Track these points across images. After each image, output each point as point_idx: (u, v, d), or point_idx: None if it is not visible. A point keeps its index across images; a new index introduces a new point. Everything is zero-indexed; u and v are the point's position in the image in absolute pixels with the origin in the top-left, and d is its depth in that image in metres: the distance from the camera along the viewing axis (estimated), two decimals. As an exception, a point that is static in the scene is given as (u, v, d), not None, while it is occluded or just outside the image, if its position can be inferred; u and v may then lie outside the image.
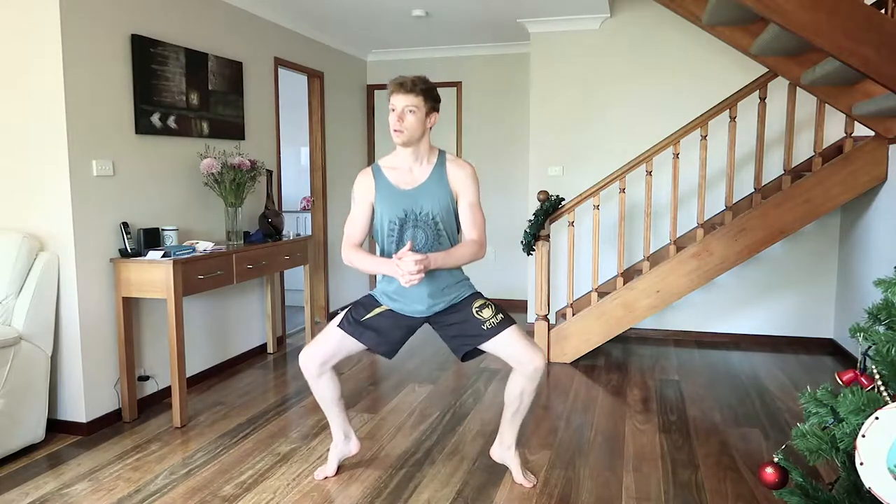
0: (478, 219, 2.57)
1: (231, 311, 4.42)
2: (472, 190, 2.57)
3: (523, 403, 2.68)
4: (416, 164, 2.56)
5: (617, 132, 5.12)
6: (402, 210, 2.54)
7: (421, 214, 2.54)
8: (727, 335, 5.07)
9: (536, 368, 2.56)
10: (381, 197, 2.57)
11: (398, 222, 2.55)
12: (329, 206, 5.82)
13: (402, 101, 2.43)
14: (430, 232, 2.55)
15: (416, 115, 2.45)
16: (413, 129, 2.46)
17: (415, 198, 2.54)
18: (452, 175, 2.56)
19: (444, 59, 6.28)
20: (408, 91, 2.43)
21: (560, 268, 5.12)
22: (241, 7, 4.42)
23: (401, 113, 2.44)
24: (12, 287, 3.06)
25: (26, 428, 3.06)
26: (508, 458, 2.80)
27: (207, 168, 3.84)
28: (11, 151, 3.22)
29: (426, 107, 2.47)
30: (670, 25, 4.90)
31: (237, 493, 2.69)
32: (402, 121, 2.44)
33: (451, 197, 2.56)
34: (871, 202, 4.23)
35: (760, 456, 3.00)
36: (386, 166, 2.61)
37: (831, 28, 2.98)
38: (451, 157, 2.61)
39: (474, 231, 2.56)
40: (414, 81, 2.44)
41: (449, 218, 2.57)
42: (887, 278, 1.58)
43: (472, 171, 2.59)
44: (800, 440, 1.55)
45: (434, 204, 2.54)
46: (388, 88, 2.48)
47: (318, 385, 2.71)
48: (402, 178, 2.56)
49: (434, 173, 2.56)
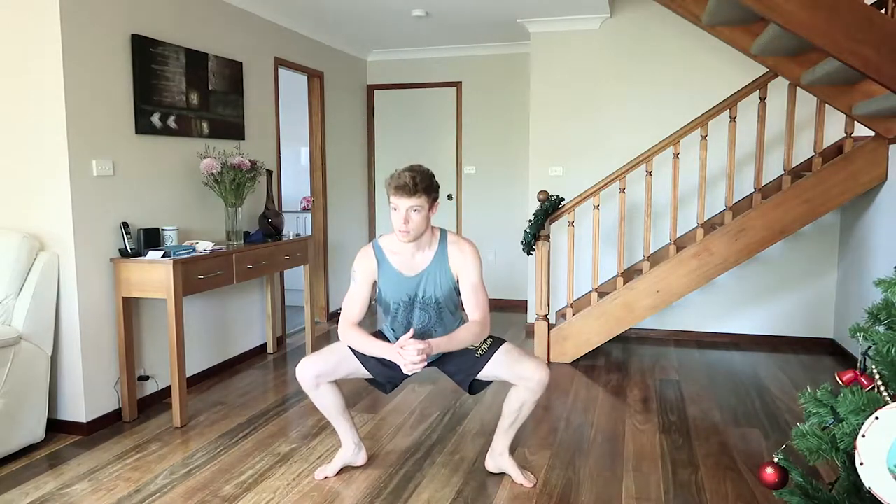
0: (480, 299, 2.58)
1: (231, 311, 4.42)
2: (474, 271, 2.59)
3: (521, 415, 2.72)
4: (418, 251, 2.58)
5: (617, 132, 5.12)
6: (405, 295, 2.59)
7: (424, 298, 2.58)
8: (727, 335, 5.07)
9: (540, 381, 2.59)
10: (385, 280, 2.60)
11: (402, 305, 2.60)
12: (329, 206, 5.82)
13: (405, 203, 2.42)
14: (433, 313, 2.61)
15: (421, 213, 2.45)
16: (419, 227, 2.47)
17: (418, 283, 2.58)
18: (454, 259, 2.58)
19: (444, 59, 6.28)
20: (410, 194, 2.41)
21: (560, 268, 5.12)
22: (241, 7, 4.42)
23: (405, 215, 2.43)
24: (12, 287, 3.06)
25: (26, 428, 3.05)
26: (503, 464, 2.81)
27: (207, 168, 3.84)
28: (11, 151, 3.22)
29: (429, 203, 2.47)
30: (670, 25, 4.90)
31: (237, 493, 2.69)
32: (408, 222, 2.44)
33: (452, 280, 2.60)
34: (871, 202, 4.23)
35: (760, 456, 3.00)
36: (388, 249, 2.61)
37: (831, 28, 2.99)
38: (452, 239, 2.62)
39: (477, 312, 2.57)
40: (415, 182, 2.41)
41: (450, 299, 2.62)
42: (887, 278, 1.58)
43: (472, 251, 2.60)
44: (800, 440, 1.55)
45: (436, 288, 2.58)
46: (386, 185, 2.46)
47: (316, 396, 2.72)
48: (404, 263, 2.58)
49: (436, 258, 2.58)
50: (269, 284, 4.75)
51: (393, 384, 2.77)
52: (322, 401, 2.73)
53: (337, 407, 2.75)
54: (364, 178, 6.58)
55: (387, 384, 2.76)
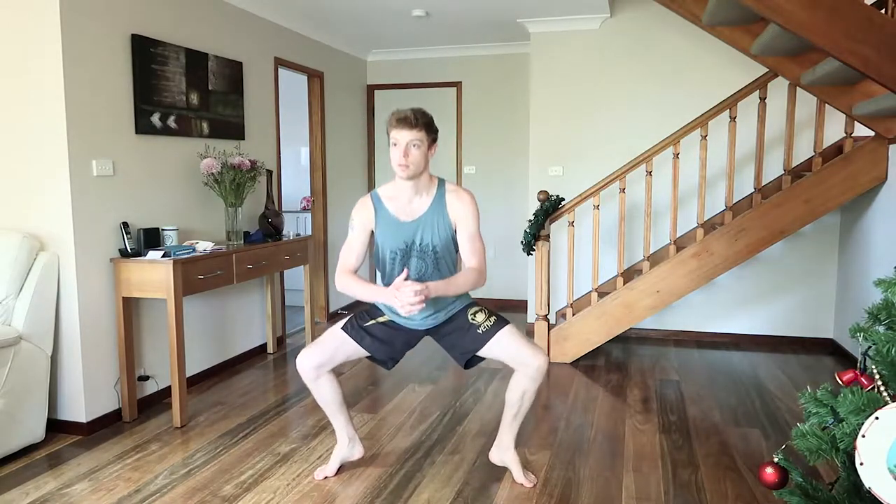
0: (477, 248, 2.58)
1: (231, 311, 4.42)
2: (472, 220, 2.58)
3: (524, 405, 2.70)
4: (416, 196, 2.57)
5: (617, 132, 5.12)
6: (402, 242, 2.57)
7: (421, 245, 2.57)
8: (727, 335, 5.07)
9: (539, 367, 2.58)
10: (382, 228, 2.58)
11: (399, 253, 2.58)
12: (329, 206, 5.82)
13: (405, 136, 2.43)
14: (430, 261, 2.59)
15: (420, 148, 2.45)
16: (418, 163, 2.47)
17: (415, 229, 2.56)
18: (452, 206, 2.57)
19: (444, 59, 6.28)
20: (412, 126, 2.43)
21: (560, 268, 5.12)
22: (241, 7, 4.42)
23: (405, 148, 2.44)
24: (12, 287, 3.06)
25: (26, 428, 3.06)
26: (508, 460, 2.80)
27: (207, 168, 3.84)
28: (11, 151, 3.22)
29: (428, 140, 2.48)
30: (670, 25, 4.90)
31: (237, 493, 2.69)
32: (408, 155, 2.44)
33: (450, 228, 2.58)
34: (871, 202, 4.23)
35: (760, 456, 3.00)
36: (385, 196, 2.60)
37: (831, 28, 2.99)
38: (450, 187, 2.61)
39: (474, 259, 2.58)
40: (416, 116, 2.44)
41: (448, 248, 2.60)
42: (887, 278, 1.58)
43: (471, 200, 2.60)
44: (800, 440, 1.55)
45: (434, 235, 2.56)
46: (387, 122, 2.48)
47: (316, 387, 2.71)
48: (402, 209, 2.57)
49: (434, 205, 2.57)
50: (269, 284, 4.75)
51: (394, 360, 2.75)
52: (322, 393, 2.73)
53: (336, 400, 2.75)
54: (364, 178, 6.58)
55: (387, 360, 2.73)
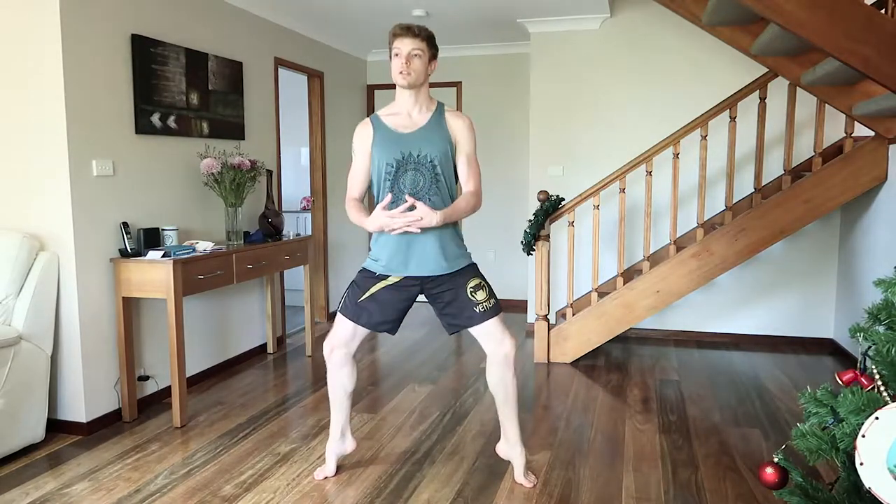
0: (474, 170, 2.63)
1: (231, 311, 4.42)
2: (470, 141, 2.62)
3: (508, 391, 2.68)
4: (415, 108, 2.59)
5: (617, 132, 5.12)
6: (399, 152, 2.54)
7: (419, 157, 2.54)
8: (727, 335, 5.07)
9: (506, 355, 2.61)
10: (379, 141, 2.58)
11: (395, 164, 2.54)
12: (329, 206, 5.82)
13: (408, 45, 2.48)
14: (428, 175, 2.54)
15: (422, 59, 2.51)
16: (418, 72, 2.51)
17: (413, 141, 2.55)
18: (452, 124, 2.60)
19: (444, 59, 6.26)
20: (414, 35, 2.48)
21: (560, 268, 5.12)
22: (241, 7, 4.42)
23: (407, 56, 2.48)
24: (12, 287, 3.06)
25: (26, 428, 3.06)
26: (514, 456, 2.79)
27: (207, 168, 3.84)
28: (11, 151, 3.22)
29: (429, 52, 2.54)
30: (670, 25, 4.91)
31: (237, 493, 2.69)
32: (410, 63, 2.48)
33: (449, 144, 2.59)
34: (871, 202, 4.23)
35: (760, 456, 3.00)
36: (384, 114, 2.63)
37: (831, 28, 2.98)
38: (449, 109, 2.66)
39: (471, 182, 2.61)
40: (419, 27, 2.51)
41: (447, 164, 2.58)
42: (887, 278, 1.58)
43: (469, 122, 2.65)
44: (800, 440, 1.55)
45: (433, 148, 2.55)
46: (391, 33, 2.52)
47: (339, 374, 2.71)
48: (400, 122, 2.59)
49: (433, 119, 2.60)
50: (269, 284, 4.75)
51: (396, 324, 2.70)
52: (339, 380, 2.72)
53: (347, 391, 2.76)
54: (364, 178, 6.56)
55: (390, 328, 2.69)
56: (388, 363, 4.53)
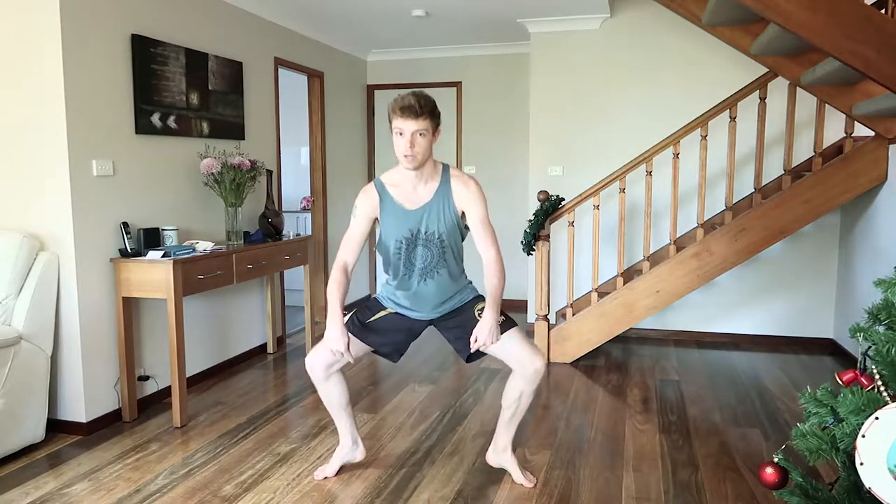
0: (490, 235, 2.55)
1: (231, 311, 4.42)
2: (481, 207, 2.54)
3: (521, 406, 2.69)
4: (420, 183, 2.53)
5: (617, 132, 5.12)
6: (408, 230, 2.53)
7: (427, 234, 2.53)
8: (727, 335, 5.07)
9: (536, 370, 2.57)
10: (387, 216, 2.55)
11: (405, 242, 2.54)
12: (329, 206, 5.82)
13: (411, 126, 2.37)
14: (436, 250, 2.55)
15: (426, 137, 2.40)
16: (424, 153, 2.43)
17: (420, 217, 2.53)
18: (458, 194, 2.53)
19: (444, 59, 6.28)
20: (417, 116, 2.36)
21: (560, 268, 5.12)
22: (241, 7, 4.42)
23: (411, 138, 2.38)
24: (12, 287, 3.06)
25: (26, 428, 3.05)
26: (505, 461, 2.80)
27: (207, 168, 3.84)
28: (11, 152, 3.22)
29: (433, 127, 2.44)
30: (670, 25, 4.90)
31: (237, 493, 2.69)
32: (414, 146, 2.39)
33: (455, 215, 2.54)
34: (871, 202, 4.23)
35: (760, 456, 3.00)
36: (389, 184, 2.56)
37: (831, 28, 2.99)
38: (454, 173, 2.57)
39: (490, 249, 2.54)
40: (421, 105, 2.37)
41: (454, 235, 2.57)
42: (887, 278, 1.58)
43: (476, 188, 2.56)
44: (800, 440, 1.55)
45: (440, 223, 2.53)
46: (390, 110, 2.41)
47: (325, 388, 2.71)
48: (406, 197, 2.54)
49: (439, 192, 2.54)
50: (269, 284, 4.75)
51: (400, 352, 2.73)
52: (329, 393, 2.72)
53: (342, 401, 2.74)
54: (364, 179, 6.57)
55: (393, 353, 2.72)
56: (388, 363, 4.51)
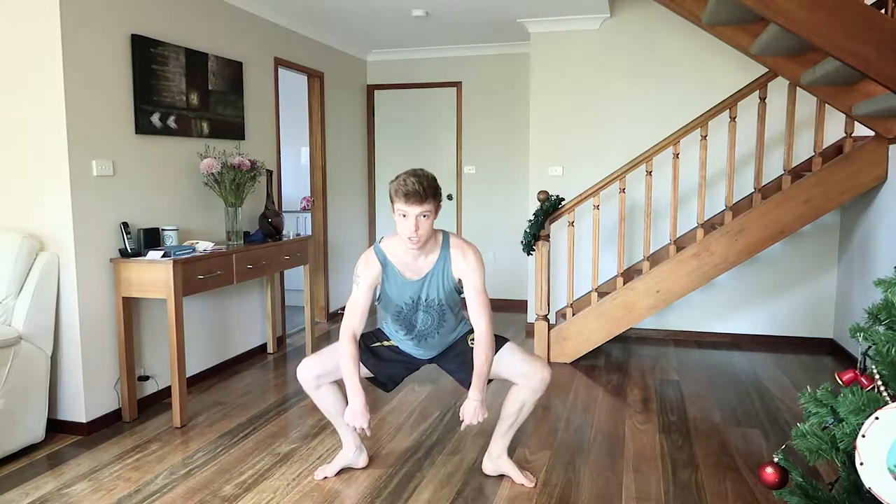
0: (484, 304, 2.56)
1: (231, 311, 4.42)
2: (478, 277, 2.57)
3: (520, 417, 2.74)
4: (421, 255, 2.55)
5: (617, 132, 5.12)
6: (409, 298, 2.59)
7: (428, 301, 2.59)
8: (727, 335, 5.07)
9: (543, 379, 2.62)
10: (389, 285, 2.59)
11: (405, 307, 2.61)
12: (329, 206, 5.82)
13: (415, 211, 2.36)
14: (436, 315, 2.62)
15: (429, 218, 2.41)
16: (427, 232, 2.44)
17: (421, 287, 2.58)
18: (457, 263, 2.56)
19: (444, 59, 6.28)
20: (421, 200, 2.35)
21: (560, 268, 5.12)
22: (241, 7, 4.42)
23: (416, 221, 2.38)
24: (12, 287, 3.06)
25: (26, 428, 3.05)
26: (503, 466, 2.81)
27: (207, 168, 3.84)
28: (12, 152, 3.22)
29: (436, 208, 2.44)
30: (670, 25, 4.90)
31: (237, 493, 2.69)
32: (418, 229, 2.38)
33: (453, 282, 2.60)
34: (871, 202, 4.23)
35: (760, 456, 3.00)
36: (390, 253, 2.58)
37: (831, 28, 2.99)
38: (454, 243, 2.59)
39: (483, 318, 2.55)
40: (424, 189, 2.35)
41: (452, 299, 2.63)
42: (887, 278, 1.58)
43: (475, 256, 2.58)
44: (800, 440, 1.55)
45: (439, 291, 2.58)
46: (393, 192, 2.40)
47: (317, 396, 2.73)
48: (408, 266, 2.57)
49: (439, 263, 2.57)
50: (269, 284, 4.75)
51: (394, 382, 2.78)
52: (323, 402, 2.74)
53: (338, 409, 2.74)
54: (364, 178, 6.58)
55: (388, 382, 2.77)
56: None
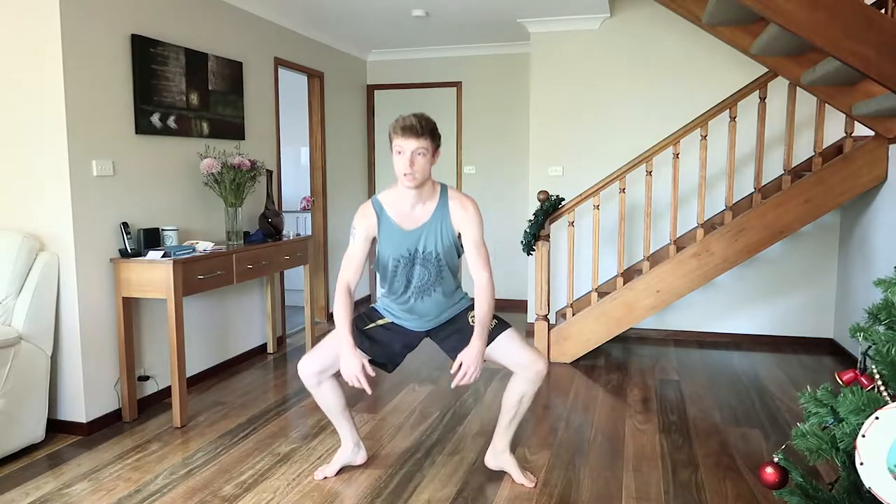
0: (483, 258, 2.57)
1: (231, 311, 4.42)
2: (477, 229, 2.57)
3: (521, 410, 2.71)
4: (419, 203, 2.54)
5: (617, 132, 5.12)
6: (405, 249, 2.55)
7: (425, 253, 2.55)
8: (727, 335, 5.07)
9: (539, 372, 2.59)
10: (385, 236, 2.56)
11: (402, 261, 2.56)
12: (329, 206, 5.82)
13: (411, 145, 2.38)
14: (433, 269, 2.58)
15: (426, 157, 2.42)
16: (423, 172, 2.44)
17: (418, 237, 2.54)
18: (455, 214, 2.55)
19: (444, 59, 6.28)
20: (417, 135, 2.38)
21: (560, 268, 5.12)
22: (241, 7, 4.42)
23: (410, 157, 2.39)
24: (12, 287, 3.06)
25: (26, 428, 3.05)
26: (505, 462, 2.80)
27: (207, 168, 3.84)
28: (12, 151, 3.22)
29: (433, 147, 2.45)
30: (670, 25, 4.90)
31: (237, 493, 2.69)
32: (413, 164, 2.40)
33: (452, 234, 2.57)
34: (871, 202, 4.23)
35: (760, 456, 3.00)
36: (387, 203, 2.57)
37: (831, 28, 2.99)
38: (452, 194, 2.59)
39: (484, 271, 2.56)
40: (422, 124, 2.40)
41: (451, 254, 2.59)
42: (887, 278, 1.58)
43: (474, 208, 2.58)
44: (800, 440, 1.55)
45: (437, 243, 2.55)
46: (391, 129, 2.43)
47: (318, 393, 2.72)
48: (404, 217, 2.55)
49: (437, 212, 2.55)
50: (269, 284, 4.75)
51: (394, 363, 2.74)
52: (324, 399, 2.73)
53: (338, 405, 2.75)
54: (364, 178, 6.58)
55: (388, 363, 2.73)
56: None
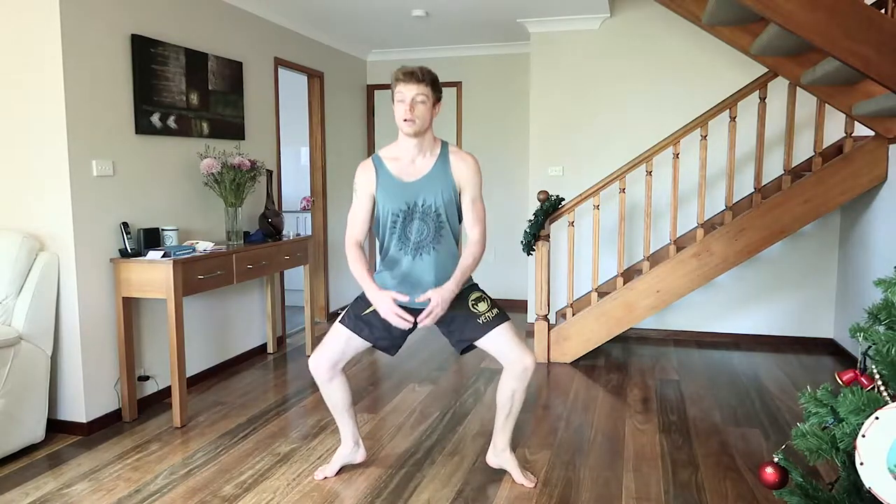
0: (480, 213, 2.59)
1: (231, 311, 4.42)
2: (476, 185, 2.57)
3: (514, 406, 2.69)
4: (419, 155, 2.53)
5: (617, 132, 5.12)
6: (404, 202, 2.52)
7: (424, 207, 2.52)
8: (727, 335, 5.07)
9: (525, 368, 2.58)
10: (383, 189, 2.54)
11: (401, 215, 2.53)
12: (329, 206, 5.82)
13: (411, 91, 2.41)
14: (432, 224, 2.54)
15: (426, 104, 2.44)
16: (423, 119, 2.45)
17: (417, 190, 2.52)
18: (456, 168, 2.54)
19: (444, 59, 6.28)
20: (418, 81, 2.42)
21: (560, 268, 5.12)
22: (241, 7, 4.42)
23: (411, 103, 2.42)
24: (12, 287, 3.06)
25: (26, 428, 3.05)
26: (505, 461, 2.80)
27: (207, 168, 3.84)
28: (12, 151, 3.22)
29: (433, 97, 2.47)
30: (670, 25, 4.90)
31: (237, 493, 2.69)
32: (413, 110, 2.42)
33: (453, 189, 2.55)
34: (871, 202, 4.23)
35: (760, 456, 3.00)
36: (387, 157, 2.57)
37: (831, 28, 2.99)
38: (453, 149, 2.59)
39: (476, 228, 2.57)
40: (423, 71, 2.45)
41: (451, 210, 2.56)
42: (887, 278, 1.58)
43: (475, 164, 2.58)
44: (800, 440, 1.55)
45: (437, 196, 2.52)
46: (393, 78, 2.46)
47: (329, 389, 2.71)
48: (404, 169, 2.54)
49: (437, 165, 2.54)
50: (269, 284, 4.75)
51: (396, 346, 2.72)
52: (333, 394, 2.72)
53: (345, 402, 2.75)
54: (364, 178, 6.56)
55: (390, 347, 2.71)
56: (388, 363, 4.52)
